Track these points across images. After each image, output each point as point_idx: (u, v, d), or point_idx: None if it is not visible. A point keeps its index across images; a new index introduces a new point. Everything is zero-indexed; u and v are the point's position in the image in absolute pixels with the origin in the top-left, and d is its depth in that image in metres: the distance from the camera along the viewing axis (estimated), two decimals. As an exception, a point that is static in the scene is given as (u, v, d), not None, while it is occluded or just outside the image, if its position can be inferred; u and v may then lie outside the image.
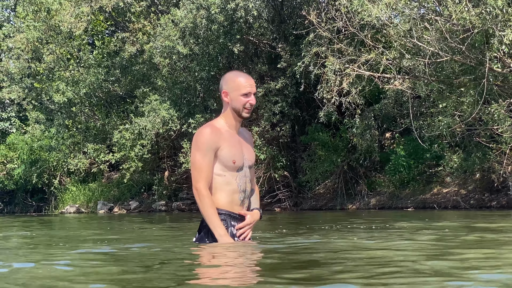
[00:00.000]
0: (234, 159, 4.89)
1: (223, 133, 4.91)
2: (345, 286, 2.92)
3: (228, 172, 4.89)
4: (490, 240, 5.39)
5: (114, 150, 23.40)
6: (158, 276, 3.37)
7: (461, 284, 2.90)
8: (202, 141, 4.82)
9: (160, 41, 20.81)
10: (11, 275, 3.51)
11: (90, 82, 24.42)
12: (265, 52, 21.99)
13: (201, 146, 4.82)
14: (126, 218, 15.79)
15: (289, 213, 18.10)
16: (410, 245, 4.84)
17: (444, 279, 3.02)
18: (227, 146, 4.88)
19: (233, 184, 4.92)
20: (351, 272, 3.31)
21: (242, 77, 5.02)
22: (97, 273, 3.53)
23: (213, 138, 4.83)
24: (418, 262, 3.65)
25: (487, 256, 4.00)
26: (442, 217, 11.23)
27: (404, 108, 17.60)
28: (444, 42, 13.57)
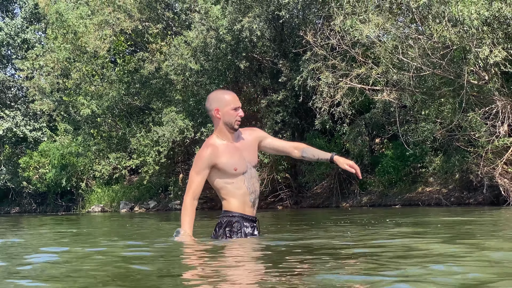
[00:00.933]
0: (235, 167, 4.90)
1: (219, 149, 4.93)
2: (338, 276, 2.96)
3: (234, 179, 4.90)
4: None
5: (134, 156, 23.46)
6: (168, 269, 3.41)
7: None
8: (199, 160, 4.90)
9: (174, 59, 20.89)
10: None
11: (113, 96, 24.51)
12: (268, 68, 22.05)
13: (198, 164, 4.90)
14: (146, 217, 15.84)
15: (290, 211, 18.13)
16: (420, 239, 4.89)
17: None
18: (224, 159, 4.89)
19: (243, 187, 4.92)
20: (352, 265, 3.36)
21: (228, 94, 5.07)
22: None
23: (209, 158, 4.88)
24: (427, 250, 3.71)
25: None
26: (429, 213, 11.27)
27: (391, 116, 17.65)
28: (426, 58, 13.62)
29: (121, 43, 28.10)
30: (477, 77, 13.77)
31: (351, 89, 15.95)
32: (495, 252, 3.55)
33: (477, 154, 14.13)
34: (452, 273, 2.82)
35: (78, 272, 3.26)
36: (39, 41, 34.94)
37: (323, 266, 3.13)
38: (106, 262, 3.67)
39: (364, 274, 2.86)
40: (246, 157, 5.00)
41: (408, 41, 13.98)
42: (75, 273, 3.22)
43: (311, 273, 2.94)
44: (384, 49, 14.26)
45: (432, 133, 14.57)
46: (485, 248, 3.82)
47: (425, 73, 13.90)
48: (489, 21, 12.88)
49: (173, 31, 24.78)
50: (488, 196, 15.77)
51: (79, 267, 3.44)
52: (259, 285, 2.64)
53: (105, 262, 3.64)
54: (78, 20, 24.35)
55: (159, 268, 3.29)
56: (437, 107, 14.59)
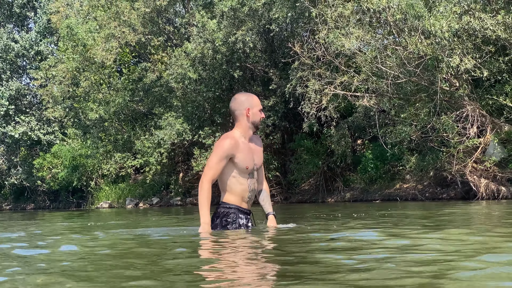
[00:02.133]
0: (247, 165, 4.91)
1: (239, 144, 4.93)
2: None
3: (241, 175, 4.91)
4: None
5: (138, 157, 23.43)
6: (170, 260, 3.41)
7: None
8: (222, 149, 4.84)
9: (174, 69, 20.86)
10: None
11: (118, 102, 24.45)
12: (260, 76, 22.06)
13: (219, 152, 4.83)
14: (150, 212, 15.80)
15: (280, 206, 18.11)
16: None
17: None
18: (241, 154, 4.89)
19: (244, 184, 4.93)
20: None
21: (255, 97, 5.10)
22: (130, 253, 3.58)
23: (231, 149, 4.85)
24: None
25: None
26: (404, 207, 11.29)
27: (371, 120, 17.67)
28: (403, 67, 13.64)
29: (126, 54, 28.06)
30: (449, 84, 13.81)
31: (335, 95, 15.96)
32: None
33: (449, 154, 14.16)
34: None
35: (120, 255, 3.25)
36: (52, 53, 34.85)
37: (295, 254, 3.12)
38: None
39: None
40: (255, 159, 5.04)
41: (386, 52, 13.99)
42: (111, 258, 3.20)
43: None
44: (365, 59, 14.28)
45: (408, 135, 14.59)
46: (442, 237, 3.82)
47: (402, 81, 13.92)
48: (459, 33, 12.92)
49: (173, 43, 24.74)
50: (460, 191, 15.81)
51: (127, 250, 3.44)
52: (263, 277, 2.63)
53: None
54: (87, 34, 24.29)
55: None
56: (413, 111, 14.62)
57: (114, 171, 24.85)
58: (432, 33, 12.61)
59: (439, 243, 3.63)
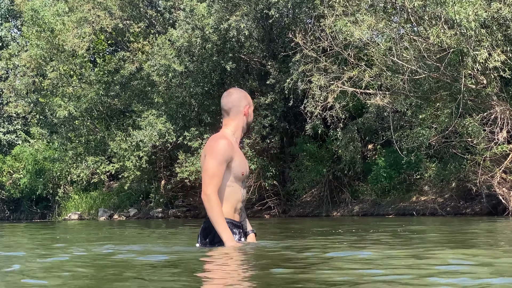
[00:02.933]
0: (243, 171, 4.90)
1: (234, 146, 4.92)
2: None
3: (235, 183, 4.88)
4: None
5: (114, 161, 23.39)
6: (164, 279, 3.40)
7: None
8: (219, 151, 4.78)
9: (157, 59, 20.85)
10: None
11: (91, 97, 24.41)
12: (256, 69, 22.04)
13: (218, 155, 4.76)
14: (126, 224, 15.77)
15: (277, 220, 18.09)
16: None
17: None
18: (238, 158, 4.87)
19: (239, 194, 4.91)
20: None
21: (249, 96, 5.13)
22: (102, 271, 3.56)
23: (229, 150, 4.82)
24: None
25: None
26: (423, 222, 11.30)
27: (385, 121, 17.67)
28: (422, 60, 13.66)
29: (101, 42, 28.03)
30: (475, 81, 13.83)
31: (343, 92, 15.97)
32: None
33: (474, 162, 14.17)
34: None
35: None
36: (14, 40, 34.78)
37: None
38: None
39: None
40: (246, 166, 5.04)
41: (403, 43, 14.01)
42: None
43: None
44: (378, 51, 14.30)
45: (427, 139, 14.60)
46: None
47: (420, 76, 13.93)
48: (488, 22, 12.94)
49: (156, 30, 24.73)
50: (486, 206, 15.83)
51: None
52: None
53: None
54: (55, 17, 24.25)
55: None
56: (433, 112, 14.63)
57: (85, 177, 24.80)
58: (457, 22, 12.63)
59: (461, 265, 3.62)
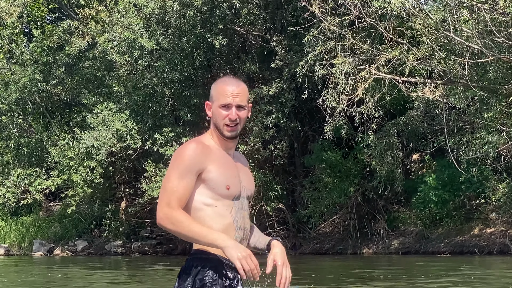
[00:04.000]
0: (228, 185, 4.86)
1: (213, 152, 4.90)
2: None
3: (220, 201, 4.84)
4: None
5: (54, 174, 23.33)
6: None
7: None
8: (183, 159, 4.77)
9: (117, 31, 20.83)
10: None
11: (24, 84, 24.38)
12: (256, 47, 22.04)
13: (180, 165, 4.76)
14: (72, 263, 15.81)
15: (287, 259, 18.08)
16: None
17: None
18: (217, 167, 4.84)
19: (228, 217, 4.86)
20: None
21: (226, 83, 5.01)
22: None
23: (199, 157, 4.79)
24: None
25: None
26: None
27: (436, 122, 17.68)
28: (489, 37, 13.68)
29: (39, 7, 28.01)
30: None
31: (378, 81, 15.98)
32: None
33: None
34: None
35: None
36: None
37: None
38: None
39: None
40: (243, 180, 5.00)
41: (462, 11, 14.04)
42: None
43: None
44: (427, 24, 14.32)
45: (495, 148, 14.62)
46: None
47: (486, 60, 13.96)
48: None
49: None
50: None
51: None
52: None
53: None
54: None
55: None
56: (503, 110, 14.66)
57: (14, 197, 24.76)
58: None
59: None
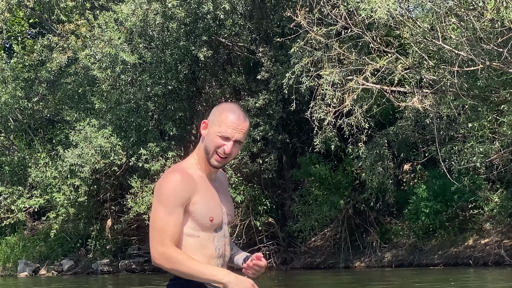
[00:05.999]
0: (212, 216, 4.85)
1: (197, 182, 4.86)
2: None
3: (202, 232, 4.85)
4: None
5: (36, 193, 23.29)
6: None
7: None
8: (169, 193, 4.75)
9: (99, 46, 20.81)
10: None
11: (6, 101, 24.33)
12: (241, 58, 22.03)
13: (167, 200, 4.74)
14: (57, 284, 15.74)
15: (275, 274, 18.08)
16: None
17: None
18: (202, 198, 4.83)
19: (210, 247, 4.88)
20: None
21: (233, 114, 4.95)
22: None
23: (185, 190, 4.76)
24: None
25: None
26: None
27: (427, 131, 17.69)
28: (478, 45, 13.69)
29: (20, 21, 27.99)
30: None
31: (366, 91, 15.97)
32: None
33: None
34: None
35: None
36: None
37: None
38: None
39: None
40: (224, 205, 4.99)
41: (451, 19, 14.06)
42: None
43: None
44: (415, 32, 14.33)
45: (487, 157, 14.62)
46: None
47: (476, 68, 13.96)
48: None
49: (98, 3, 24.73)
50: None
51: None
52: None
53: None
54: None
55: None
56: (494, 118, 14.66)
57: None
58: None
59: None
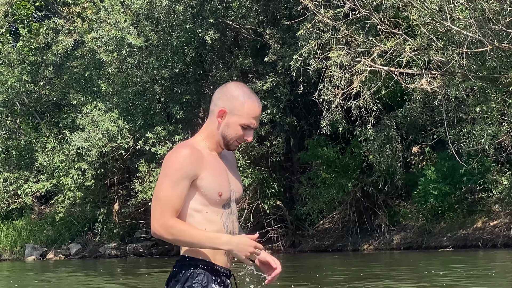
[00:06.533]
0: (221, 191, 4.86)
1: (206, 158, 4.88)
2: None
3: (210, 207, 4.86)
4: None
5: (42, 178, 23.29)
6: None
7: None
8: (176, 166, 4.76)
9: (105, 29, 20.80)
10: None
11: (12, 84, 24.34)
12: (249, 41, 22.00)
13: (173, 173, 4.75)
14: (65, 268, 15.77)
15: (283, 257, 18.10)
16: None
17: None
18: (211, 174, 4.85)
19: (218, 223, 4.88)
20: None
21: (252, 102, 4.99)
22: None
23: (192, 164, 4.78)
24: None
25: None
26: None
27: (436, 113, 17.66)
28: (487, 26, 13.66)
29: (26, 5, 27.98)
30: None
31: (374, 73, 15.95)
32: None
33: None
34: None
35: None
36: None
37: None
38: None
39: None
40: (232, 183, 5.01)
41: (459, 0, 14.03)
42: None
43: None
44: (423, 14, 14.29)
45: (496, 139, 14.60)
46: None
47: (485, 49, 13.93)
48: None
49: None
50: None
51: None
52: None
53: None
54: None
55: None
56: (503, 100, 14.63)
57: (3, 201, 24.74)
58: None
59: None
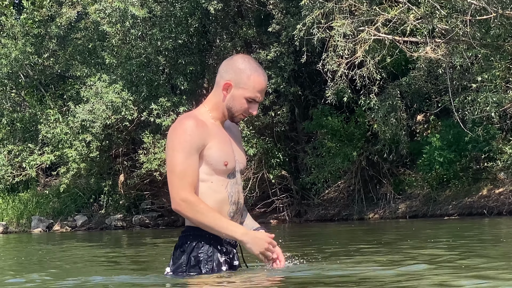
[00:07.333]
0: (226, 161, 4.92)
1: (210, 128, 4.94)
2: None
3: (215, 176, 4.91)
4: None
5: (47, 150, 23.32)
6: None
7: None
8: (184, 138, 4.81)
9: (108, 1, 20.76)
10: None
11: (15, 57, 24.34)
12: (252, 11, 21.96)
13: (183, 145, 4.81)
14: (71, 239, 15.85)
15: (289, 227, 18.16)
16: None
17: None
18: (216, 143, 4.91)
19: (222, 192, 4.94)
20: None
21: (258, 75, 5.03)
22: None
23: (200, 135, 4.84)
24: None
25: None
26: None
27: (440, 81, 17.65)
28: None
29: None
30: None
31: (378, 42, 15.94)
32: None
33: None
34: None
35: None
36: None
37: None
38: None
39: None
40: (236, 154, 5.05)
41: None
42: None
43: None
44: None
45: (500, 106, 14.60)
46: None
47: (489, 16, 13.91)
48: None
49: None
50: None
51: None
52: None
53: None
54: None
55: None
56: (507, 67, 14.62)
57: (8, 174, 24.78)
58: None
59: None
